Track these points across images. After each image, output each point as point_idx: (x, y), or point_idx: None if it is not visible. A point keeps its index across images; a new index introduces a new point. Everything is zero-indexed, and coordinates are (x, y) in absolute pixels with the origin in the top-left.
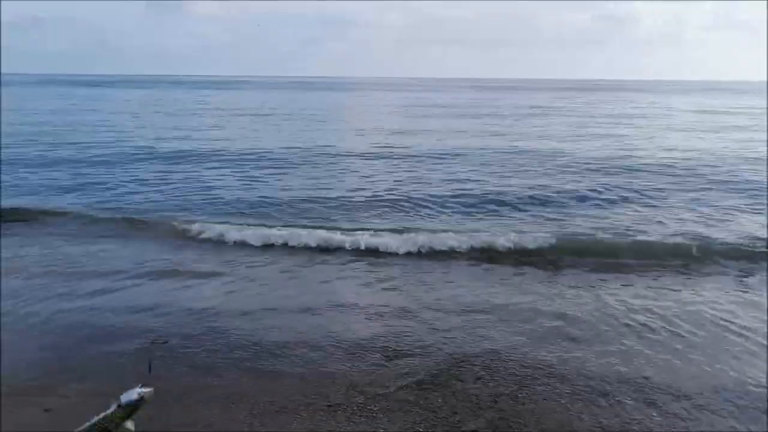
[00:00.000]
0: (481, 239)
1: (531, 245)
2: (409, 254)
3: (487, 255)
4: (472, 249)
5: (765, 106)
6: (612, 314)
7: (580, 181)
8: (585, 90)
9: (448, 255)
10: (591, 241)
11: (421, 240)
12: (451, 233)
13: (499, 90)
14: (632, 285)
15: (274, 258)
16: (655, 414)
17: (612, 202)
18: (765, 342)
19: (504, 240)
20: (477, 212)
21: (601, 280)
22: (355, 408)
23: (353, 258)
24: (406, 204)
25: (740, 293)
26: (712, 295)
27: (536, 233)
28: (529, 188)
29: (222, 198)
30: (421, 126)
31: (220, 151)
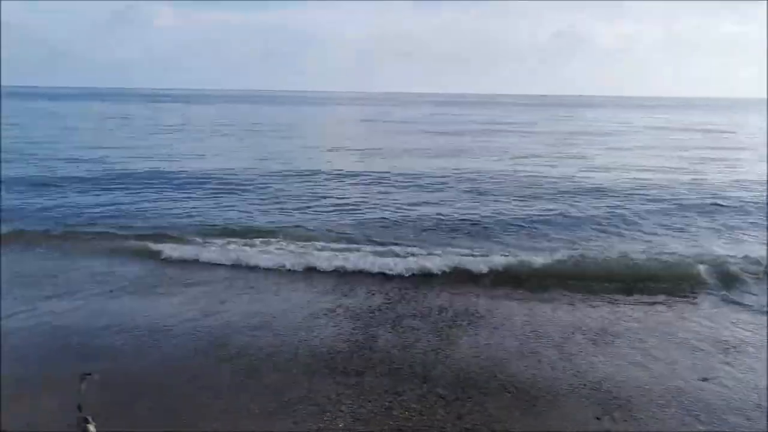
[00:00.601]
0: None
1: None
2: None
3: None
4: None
5: (704, 121)
6: None
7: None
8: (547, 105)
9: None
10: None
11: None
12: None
13: (462, 105)
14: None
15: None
16: None
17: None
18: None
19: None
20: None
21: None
22: None
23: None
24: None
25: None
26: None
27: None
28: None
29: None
30: (399, 145)
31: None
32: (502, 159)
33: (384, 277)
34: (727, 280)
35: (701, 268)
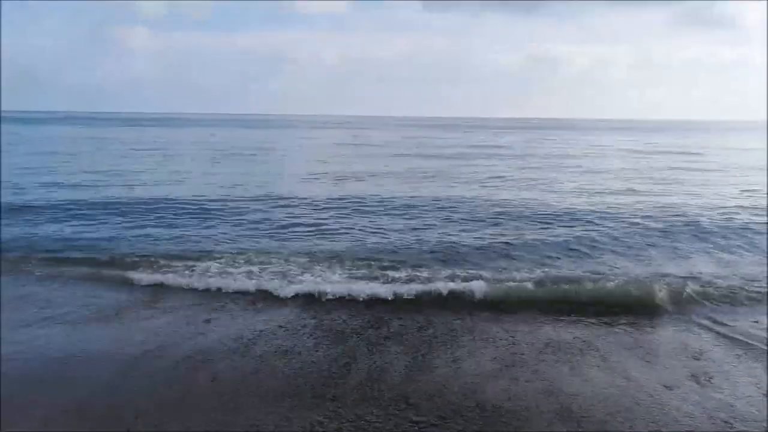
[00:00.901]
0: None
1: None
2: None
3: None
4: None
5: (674, 143)
6: None
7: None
8: (525, 128)
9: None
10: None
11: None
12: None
13: (437, 128)
14: None
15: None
16: None
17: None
18: None
19: None
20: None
21: None
22: None
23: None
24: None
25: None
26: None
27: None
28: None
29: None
30: (373, 168)
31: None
32: (475, 183)
33: (358, 302)
34: (686, 302)
35: (662, 290)
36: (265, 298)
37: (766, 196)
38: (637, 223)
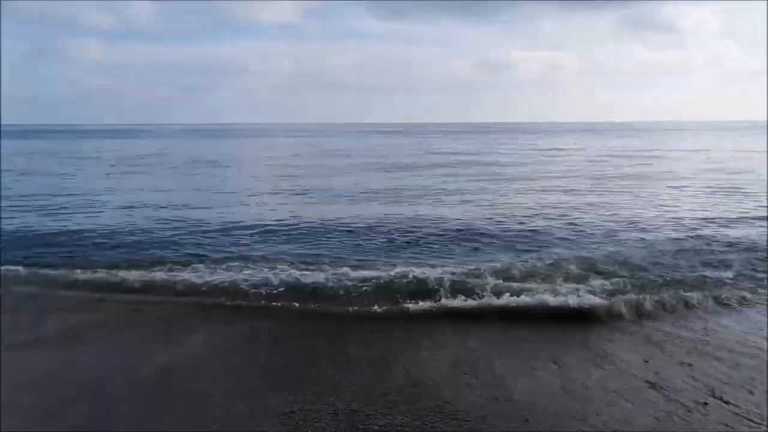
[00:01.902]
0: None
1: None
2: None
3: None
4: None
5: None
6: None
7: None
8: (476, 133)
9: None
10: None
11: None
12: None
13: (389, 135)
14: None
15: None
16: None
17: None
18: None
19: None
20: None
21: None
22: None
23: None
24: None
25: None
26: None
27: None
28: None
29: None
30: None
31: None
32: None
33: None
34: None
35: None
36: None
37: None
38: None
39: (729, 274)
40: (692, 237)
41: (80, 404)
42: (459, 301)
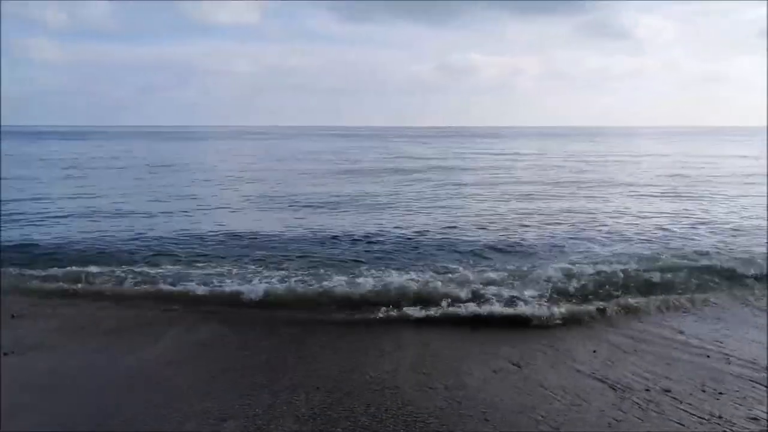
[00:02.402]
0: None
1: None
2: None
3: None
4: None
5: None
6: None
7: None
8: (438, 137)
9: None
10: None
11: None
12: None
13: (357, 138)
14: None
15: None
16: None
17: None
18: None
19: None
20: None
21: None
22: None
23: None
24: None
25: None
26: None
27: None
28: None
29: None
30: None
31: None
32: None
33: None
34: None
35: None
36: None
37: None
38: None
39: (685, 276)
40: (647, 241)
41: (43, 405)
42: (419, 309)
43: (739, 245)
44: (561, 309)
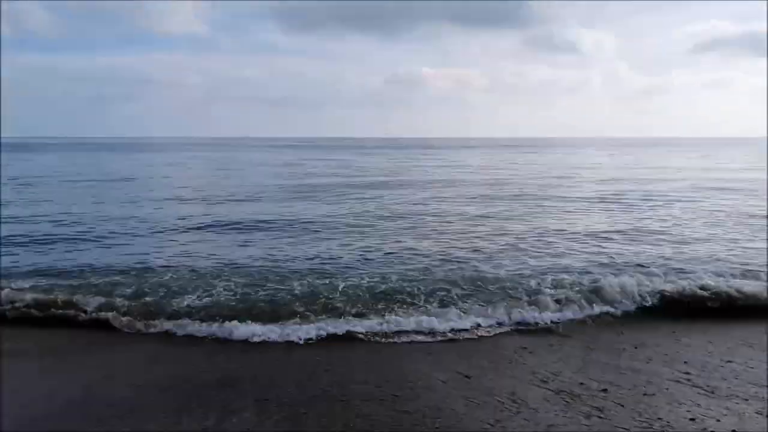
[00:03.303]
0: None
1: None
2: None
3: None
4: None
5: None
6: None
7: None
8: (389, 148)
9: None
10: None
11: None
12: None
13: (311, 149)
14: None
15: None
16: None
17: None
18: None
19: None
20: None
21: None
22: None
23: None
24: None
25: None
26: None
27: None
28: None
29: None
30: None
31: None
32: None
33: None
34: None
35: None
36: None
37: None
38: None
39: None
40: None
41: None
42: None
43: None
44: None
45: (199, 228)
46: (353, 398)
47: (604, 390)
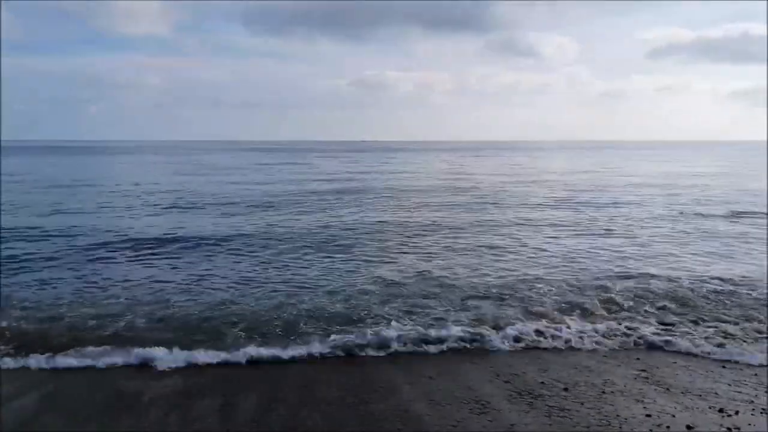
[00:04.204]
0: None
1: None
2: None
3: None
4: None
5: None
6: None
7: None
8: (356, 152)
9: None
10: None
11: None
12: None
13: (271, 152)
14: None
15: None
16: None
17: None
18: None
19: None
20: None
21: None
22: None
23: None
24: None
25: None
26: None
27: None
28: None
29: None
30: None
31: None
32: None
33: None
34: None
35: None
36: None
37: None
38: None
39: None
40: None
41: None
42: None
43: None
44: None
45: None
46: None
47: (566, 389)
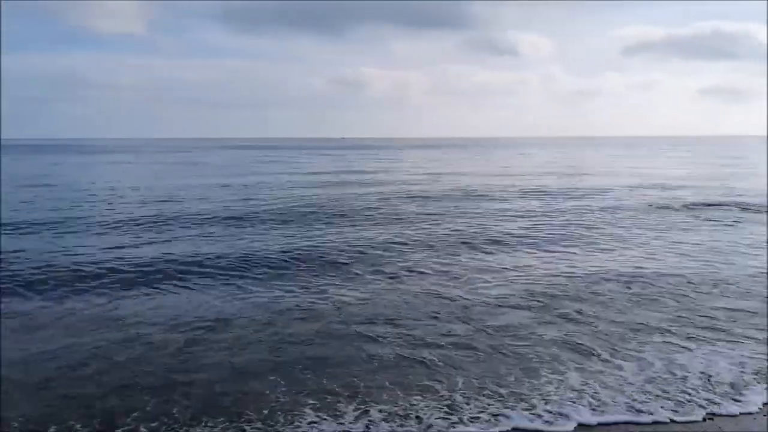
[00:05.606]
0: None
1: None
2: None
3: None
4: None
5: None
6: None
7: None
8: (334, 148)
9: None
10: None
11: None
12: None
13: (260, 149)
14: None
15: None
16: None
17: None
18: None
19: None
20: None
21: None
22: None
23: None
24: None
25: None
26: None
27: None
28: None
29: None
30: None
31: None
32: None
33: None
34: None
35: None
36: None
37: None
38: None
39: None
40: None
41: None
42: None
43: None
44: None
45: None
46: None
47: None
